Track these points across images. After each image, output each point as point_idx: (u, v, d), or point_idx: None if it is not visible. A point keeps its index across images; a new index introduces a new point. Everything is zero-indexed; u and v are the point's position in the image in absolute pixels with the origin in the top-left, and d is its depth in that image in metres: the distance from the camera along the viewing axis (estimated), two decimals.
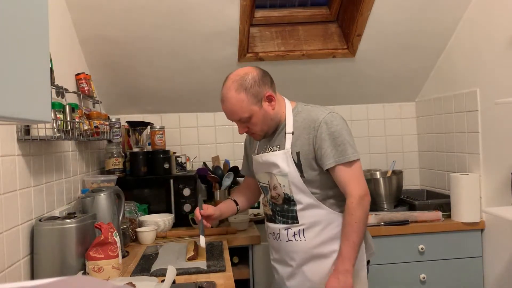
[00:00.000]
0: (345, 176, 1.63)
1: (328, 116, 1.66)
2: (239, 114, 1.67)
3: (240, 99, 1.64)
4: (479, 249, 2.42)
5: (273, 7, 2.74)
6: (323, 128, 1.64)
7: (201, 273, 1.66)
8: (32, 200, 1.62)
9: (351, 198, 1.62)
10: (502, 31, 2.18)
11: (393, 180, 2.64)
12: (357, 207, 1.61)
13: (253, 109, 1.66)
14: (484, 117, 2.36)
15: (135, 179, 2.53)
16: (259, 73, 1.68)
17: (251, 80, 1.64)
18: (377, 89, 2.98)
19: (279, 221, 1.76)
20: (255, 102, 1.65)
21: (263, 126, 1.71)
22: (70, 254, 1.59)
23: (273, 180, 1.74)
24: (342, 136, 1.63)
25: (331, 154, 1.62)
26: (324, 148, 1.63)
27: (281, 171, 1.69)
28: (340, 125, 1.66)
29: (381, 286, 2.38)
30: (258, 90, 1.65)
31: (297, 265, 1.74)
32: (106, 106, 2.76)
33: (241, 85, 1.64)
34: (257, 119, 1.68)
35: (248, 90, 1.64)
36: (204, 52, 2.54)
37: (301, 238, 1.71)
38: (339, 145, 1.63)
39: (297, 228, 1.71)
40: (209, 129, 3.04)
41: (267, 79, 1.69)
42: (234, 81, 1.65)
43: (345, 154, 1.63)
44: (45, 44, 0.82)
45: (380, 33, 2.54)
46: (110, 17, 2.28)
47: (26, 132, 1.56)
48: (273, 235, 1.81)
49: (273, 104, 1.69)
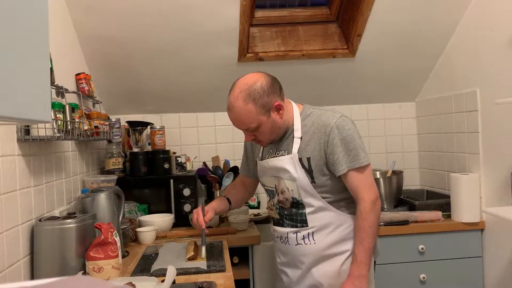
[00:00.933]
0: (357, 181, 1.62)
1: (339, 120, 1.64)
2: (247, 125, 1.62)
3: (248, 109, 1.58)
4: (479, 249, 2.42)
5: (273, 7, 2.74)
6: (335, 133, 1.61)
7: (201, 273, 1.66)
8: (32, 200, 1.62)
9: (364, 203, 1.61)
10: (502, 31, 2.18)
11: (393, 180, 2.64)
12: (370, 212, 1.60)
13: (261, 119, 1.60)
14: (484, 117, 2.36)
15: (135, 179, 2.53)
16: (268, 82, 1.61)
17: (260, 90, 1.58)
18: (377, 89, 2.98)
19: (287, 225, 1.74)
20: (263, 113, 1.60)
21: (271, 135, 1.67)
22: (70, 254, 1.59)
23: (281, 185, 1.72)
24: (354, 141, 1.62)
25: (344, 159, 1.61)
26: (337, 154, 1.61)
27: (291, 175, 1.67)
28: (352, 129, 1.64)
29: (381, 286, 2.38)
30: (267, 100, 1.59)
31: (306, 268, 1.73)
32: (106, 106, 2.76)
33: (249, 95, 1.57)
34: (265, 129, 1.64)
35: (256, 101, 1.58)
36: (204, 52, 2.54)
37: (310, 241, 1.70)
38: (351, 150, 1.61)
39: (307, 231, 1.70)
40: (209, 129, 3.04)
41: (275, 87, 1.63)
42: (242, 91, 1.58)
43: (358, 159, 1.61)
44: (45, 44, 0.82)
45: (380, 33, 2.54)
46: (110, 17, 2.28)
47: (26, 132, 1.56)
48: (280, 238, 1.79)
49: (281, 113, 1.65)
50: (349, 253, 1.69)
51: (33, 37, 0.77)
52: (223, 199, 1.96)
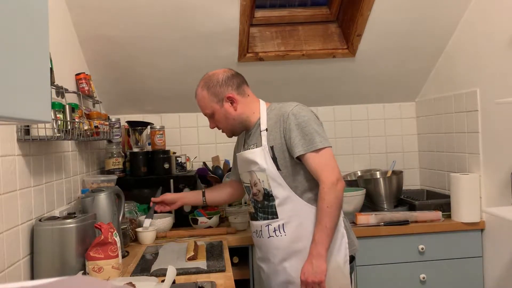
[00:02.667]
0: (316, 163, 1.67)
1: (295, 108, 1.73)
2: (203, 109, 1.85)
3: (202, 95, 1.82)
4: (479, 249, 2.42)
5: (273, 7, 2.74)
6: (291, 119, 1.70)
7: (201, 273, 1.66)
8: (32, 200, 1.62)
9: (322, 184, 1.66)
10: (502, 31, 2.18)
11: (393, 180, 2.64)
12: (329, 192, 1.64)
13: (214, 106, 1.81)
14: (484, 117, 2.36)
15: (135, 179, 2.53)
16: (226, 75, 1.81)
17: (214, 81, 1.80)
18: (377, 89, 2.98)
19: (261, 218, 1.80)
20: (216, 101, 1.80)
21: (226, 125, 1.85)
22: (70, 254, 1.59)
23: (253, 177, 1.79)
24: (309, 126, 1.69)
25: (300, 143, 1.68)
26: (293, 138, 1.69)
27: (260, 167, 1.75)
28: (308, 116, 1.72)
29: (381, 286, 2.38)
30: (219, 90, 1.79)
31: (279, 262, 1.77)
32: (106, 106, 2.76)
33: (205, 83, 1.82)
34: (219, 117, 1.83)
35: (209, 89, 1.80)
36: (204, 52, 2.54)
37: (281, 234, 1.75)
38: (306, 135, 1.68)
39: (277, 223, 1.75)
40: (209, 129, 3.00)
41: (233, 82, 1.80)
42: (203, 79, 1.84)
43: (313, 143, 1.67)
44: (45, 44, 0.82)
45: (380, 33, 2.54)
46: (110, 17, 2.28)
47: (26, 132, 1.56)
48: (256, 233, 1.85)
49: (235, 106, 1.80)
50: None
51: (33, 37, 0.77)
52: (198, 192, 2.13)
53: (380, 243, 2.39)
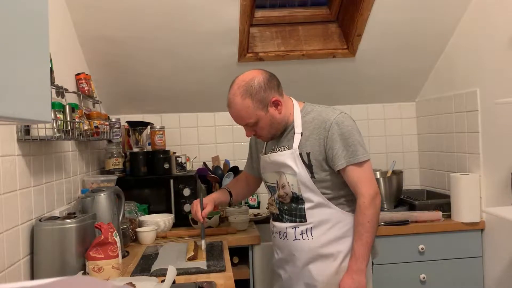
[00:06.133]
0: (356, 176, 1.64)
1: (338, 117, 1.67)
2: (245, 120, 1.68)
3: (245, 105, 1.64)
4: (479, 249, 2.42)
5: (273, 7, 2.74)
6: (334, 129, 1.64)
7: (201, 273, 1.66)
8: (32, 200, 1.62)
9: (363, 198, 1.63)
10: (502, 31, 2.18)
11: (393, 180, 2.64)
12: (369, 207, 1.62)
13: (259, 114, 1.66)
14: (484, 117, 2.36)
15: (135, 179, 2.53)
16: (265, 78, 1.67)
17: (256, 86, 1.64)
18: (377, 89, 2.98)
19: (286, 220, 1.76)
20: (261, 108, 1.66)
21: (270, 130, 1.72)
22: (70, 254, 1.59)
23: (282, 179, 1.74)
24: (353, 137, 1.65)
25: (342, 154, 1.64)
26: (336, 149, 1.64)
27: (292, 170, 1.70)
28: (351, 125, 1.67)
29: (381, 286, 2.38)
30: (264, 95, 1.65)
31: (302, 265, 1.74)
32: (106, 106, 2.76)
33: (246, 91, 1.64)
34: (264, 124, 1.69)
35: (253, 96, 1.64)
36: (204, 52, 2.54)
37: (308, 237, 1.72)
38: (350, 146, 1.64)
39: (305, 226, 1.72)
40: (209, 129, 3.04)
41: (273, 83, 1.69)
42: (239, 87, 1.65)
43: (356, 155, 1.64)
44: (45, 44, 0.82)
45: (380, 33, 2.54)
46: (110, 17, 2.28)
47: (26, 132, 1.56)
48: (279, 234, 1.81)
49: (279, 109, 1.69)
50: (347, 252, 1.70)
51: (33, 37, 0.77)
52: (224, 191, 2.01)
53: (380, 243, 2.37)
